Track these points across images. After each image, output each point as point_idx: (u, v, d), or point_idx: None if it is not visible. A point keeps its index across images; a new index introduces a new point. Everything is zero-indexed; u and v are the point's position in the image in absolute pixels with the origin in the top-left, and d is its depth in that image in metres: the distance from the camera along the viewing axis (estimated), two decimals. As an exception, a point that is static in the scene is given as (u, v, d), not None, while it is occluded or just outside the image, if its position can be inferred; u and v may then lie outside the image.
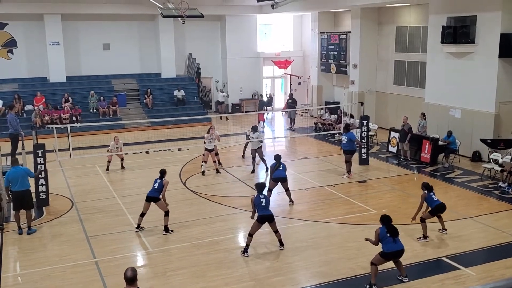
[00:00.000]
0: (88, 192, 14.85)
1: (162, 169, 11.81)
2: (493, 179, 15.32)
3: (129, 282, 6.43)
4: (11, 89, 24.47)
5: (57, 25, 24.89)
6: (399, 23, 22.45)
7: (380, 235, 8.97)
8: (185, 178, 16.07)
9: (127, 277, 6.43)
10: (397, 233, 8.99)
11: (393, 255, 9.03)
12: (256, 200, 10.42)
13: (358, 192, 14.61)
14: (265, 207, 10.34)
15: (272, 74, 30.38)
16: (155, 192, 11.48)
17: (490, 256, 10.37)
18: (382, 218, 9.14)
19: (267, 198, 10.57)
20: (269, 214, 10.35)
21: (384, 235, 8.94)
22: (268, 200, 10.66)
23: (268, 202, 10.58)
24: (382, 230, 9.00)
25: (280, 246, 10.61)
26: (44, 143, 13.59)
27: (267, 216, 10.31)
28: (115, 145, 16.73)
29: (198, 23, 26.74)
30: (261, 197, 10.42)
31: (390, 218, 9.12)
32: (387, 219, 9.09)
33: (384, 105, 23.59)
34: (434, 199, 11.00)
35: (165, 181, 11.60)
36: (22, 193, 11.64)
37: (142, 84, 26.73)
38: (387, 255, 9.00)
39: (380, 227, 9.08)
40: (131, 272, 6.46)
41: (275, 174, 13.07)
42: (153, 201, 11.50)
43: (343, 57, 25.32)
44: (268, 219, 10.32)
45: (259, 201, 10.37)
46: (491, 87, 16.94)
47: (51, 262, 10.20)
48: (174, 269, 9.77)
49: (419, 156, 17.68)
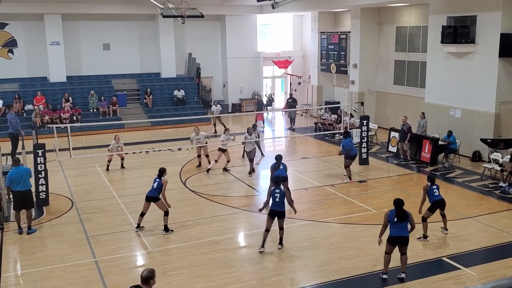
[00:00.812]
0: (88, 192, 14.84)
1: (161, 168, 11.69)
2: (493, 179, 15.32)
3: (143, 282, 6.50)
4: (11, 89, 24.46)
5: (57, 25, 24.89)
6: (399, 23, 22.45)
7: (388, 217, 9.02)
8: (185, 178, 16.07)
9: (141, 276, 6.53)
10: (405, 218, 8.97)
11: (397, 240, 9.02)
12: (272, 192, 10.39)
13: (358, 192, 14.61)
14: (278, 203, 10.29)
15: (272, 74, 30.38)
16: (155, 191, 11.40)
17: (490, 256, 10.37)
18: (395, 201, 9.15)
19: (282, 193, 10.35)
20: (280, 210, 10.31)
21: (392, 219, 8.99)
22: (283, 195, 10.39)
23: (283, 197, 10.37)
24: (391, 213, 9.05)
25: (279, 244, 10.57)
26: (44, 143, 13.58)
27: (278, 212, 10.30)
28: (115, 144, 16.72)
29: (198, 23, 26.74)
30: (277, 191, 10.35)
31: (402, 202, 9.10)
32: (398, 202, 9.09)
33: (384, 105, 23.59)
34: (434, 194, 10.96)
35: (163, 180, 11.44)
36: (24, 193, 11.62)
37: (142, 84, 26.73)
38: (392, 239, 9.05)
39: (390, 210, 9.12)
40: (146, 272, 6.53)
41: (276, 173, 13.02)
42: (153, 201, 11.42)
43: (343, 57, 25.32)
44: (278, 215, 10.31)
45: (274, 195, 10.34)
46: (491, 87, 16.93)
47: (51, 261, 10.20)
48: (174, 269, 9.76)
49: (419, 156, 17.68)
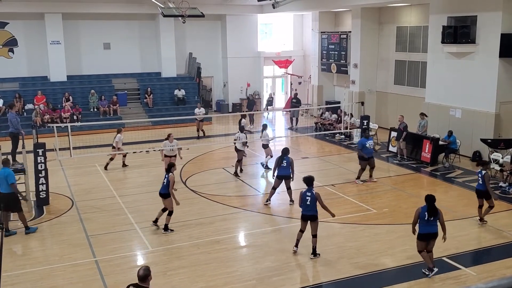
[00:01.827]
0: (88, 191, 14.85)
1: (169, 163, 11.91)
2: (493, 179, 15.29)
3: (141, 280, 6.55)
4: (11, 88, 24.47)
5: (58, 24, 24.90)
6: (400, 23, 22.44)
7: (420, 214, 9.02)
8: (186, 177, 16.07)
9: (138, 275, 6.56)
10: (436, 214, 9.02)
11: (427, 236, 9.09)
12: (303, 196, 10.04)
13: (358, 192, 14.60)
14: (308, 206, 9.95)
15: (272, 73, 30.37)
16: (164, 188, 11.46)
17: (490, 256, 10.38)
18: (426, 197, 9.13)
19: (313, 196, 9.96)
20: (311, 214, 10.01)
21: (423, 215, 8.99)
22: (314, 199, 9.99)
23: (314, 201, 9.99)
24: (422, 210, 9.05)
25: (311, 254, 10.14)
26: (44, 142, 13.61)
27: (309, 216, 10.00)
28: (121, 137, 16.75)
29: (199, 22, 26.74)
30: (308, 194, 9.99)
31: (434, 198, 9.09)
32: (430, 198, 9.07)
33: (384, 105, 23.59)
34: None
35: (171, 176, 11.44)
36: (5, 196, 11.36)
37: (143, 84, 26.74)
38: (422, 236, 9.10)
39: (422, 207, 9.11)
40: (142, 270, 6.58)
41: (280, 172, 13.03)
42: (162, 197, 11.47)
43: (343, 57, 25.31)
44: (310, 219, 10.01)
45: (305, 198, 9.99)
46: (492, 87, 16.93)
47: (51, 261, 10.21)
48: (174, 268, 9.76)
49: (416, 155, 17.70)
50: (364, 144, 15.12)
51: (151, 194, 14.47)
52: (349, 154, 18.94)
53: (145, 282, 6.56)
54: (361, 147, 15.18)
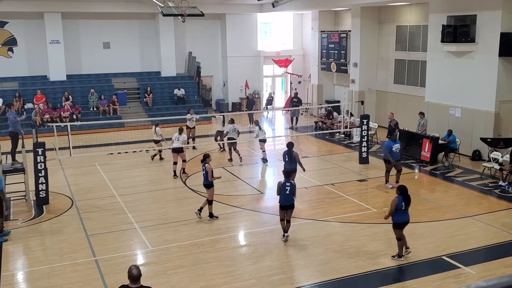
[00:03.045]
0: (88, 190, 14.84)
1: (204, 154, 12.18)
2: (493, 178, 15.31)
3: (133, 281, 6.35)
4: (11, 87, 24.44)
5: (58, 23, 24.87)
6: (400, 22, 22.44)
7: (397, 205, 9.44)
8: (185, 176, 16.05)
9: (133, 276, 6.32)
10: (410, 203, 9.61)
11: (404, 224, 9.63)
12: (282, 186, 10.60)
13: (358, 191, 14.61)
14: (287, 196, 10.57)
15: (272, 73, 30.36)
16: (205, 179, 11.92)
17: (490, 255, 10.38)
18: (400, 188, 9.67)
19: (291, 186, 10.59)
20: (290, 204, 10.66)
21: (400, 206, 9.46)
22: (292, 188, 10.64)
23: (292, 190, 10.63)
24: (399, 201, 9.49)
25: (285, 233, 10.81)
26: (44, 142, 13.59)
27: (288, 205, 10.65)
28: (159, 131, 17.17)
29: (199, 21, 26.70)
30: (287, 184, 10.60)
31: (406, 189, 9.63)
32: (404, 189, 9.60)
33: (384, 104, 23.58)
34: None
35: (207, 167, 11.81)
36: None
37: (142, 83, 26.72)
38: (400, 225, 9.62)
39: (397, 197, 9.55)
40: (136, 269, 6.36)
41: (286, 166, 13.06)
42: (205, 187, 12.03)
43: (343, 56, 25.31)
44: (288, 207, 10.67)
45: (284, 188, 10.57)
46: (491, 86, 16.93)
47: (50, 260, 10.20)
48: (174, 268, 9.77)
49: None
50: (391, 147, 14.29)
51: (151, 193, 14.49)
52: (349, 153, 18.94)
53: (138, 281, 6.37)
54: (388, 150, 14.30)
